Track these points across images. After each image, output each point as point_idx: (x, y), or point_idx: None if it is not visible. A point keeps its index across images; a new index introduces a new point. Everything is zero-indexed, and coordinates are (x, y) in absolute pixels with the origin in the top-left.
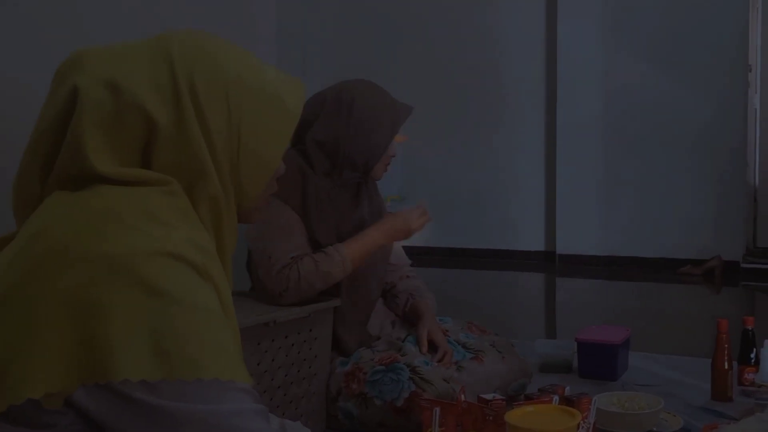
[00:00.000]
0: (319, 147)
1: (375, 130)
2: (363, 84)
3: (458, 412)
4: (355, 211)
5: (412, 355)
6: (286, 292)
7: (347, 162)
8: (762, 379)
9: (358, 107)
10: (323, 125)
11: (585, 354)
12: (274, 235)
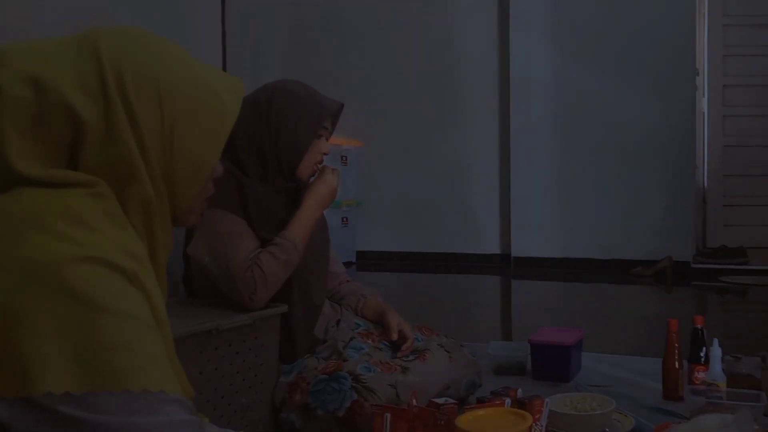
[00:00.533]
0: (246, 150)
1: (295, 129)
2: (283, 83)
3: (409, 417)
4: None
5: (355, 362)
6: (256, 294)
7: (275, 164)
8: (712, 378)
9: (276, 107)
10: (248, 129)
11: (538, 356)
12: (228, 243)
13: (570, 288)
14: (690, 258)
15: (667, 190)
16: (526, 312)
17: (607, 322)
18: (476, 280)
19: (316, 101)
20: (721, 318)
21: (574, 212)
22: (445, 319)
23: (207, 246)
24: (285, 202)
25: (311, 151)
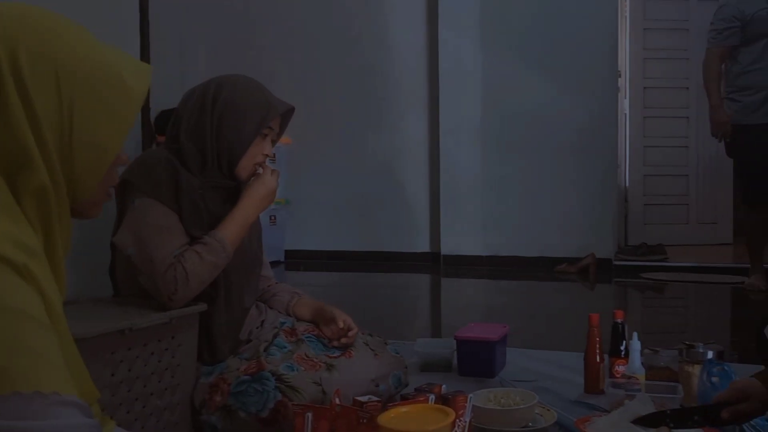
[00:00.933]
0: (188, 142)
1: (239, 125)
2: (234, 78)
3: (331, 416)
4: (224, 212)
5: (277, 362)
6: (176, 294)
7: (215, 159)
8: (631, 371)
9: (222, 102)
10: (192, 121)
11: (464, 352)
12: (154, 236)
13: (498, 285)
14: (612, 255)
15: (590, 189)
16: (456, 309)
17: (533, 318)
18: (406, 278)
19: (264, 100)
20: (641, 313)
21: (501, 211)
22: (375, 317)
23: (133, 237)
24: (222, 198)
25: (253, 150)
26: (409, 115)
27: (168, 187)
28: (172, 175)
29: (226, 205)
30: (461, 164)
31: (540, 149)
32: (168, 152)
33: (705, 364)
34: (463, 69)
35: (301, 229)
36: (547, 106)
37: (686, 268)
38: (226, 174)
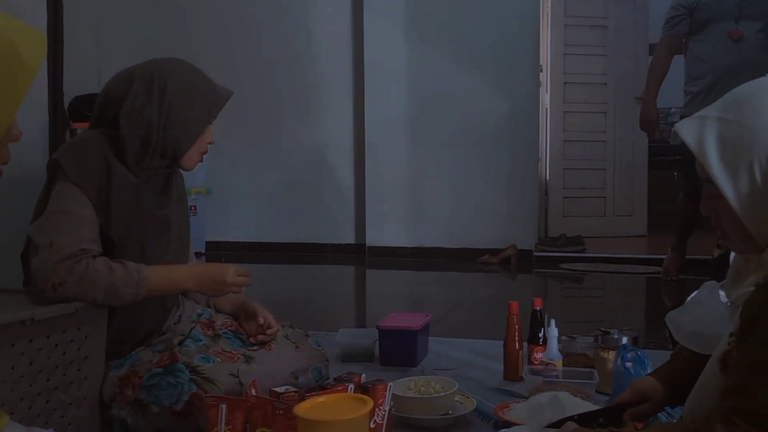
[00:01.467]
0: (128, 131)
1: (190, 114)
2: (178, 64)
3: (246, 407)
4: (161, 209)
5: (192, 354)
6: (63, 287)
7: (158, 149)
8: (549, 357)
9: (171, 89)
10: (133, 108)
11: (385, 341)
12: (63, 221)
13: (422, 276)
14: (533, 246)
15: (512, 182)
16: (380, 300)
17: (456, 308)
18: (331, 270)
19: (212, 89)
20: (560, 302)
21: (426, 202)
22: (298, 309)
23: (42, 217)
24: (157, 190)
25: (200, 139)
26: (334, 106)
27: (96, 178)
28: (105, 169)
29: (160, 198)
30: (386, 156)
31: (464, 142)
32: (104, 138)
33: (619, 350)
34: (388, 61)
35: (223, 219)
36: (471, 99)
37: (603, 259)
38: (170, 163)
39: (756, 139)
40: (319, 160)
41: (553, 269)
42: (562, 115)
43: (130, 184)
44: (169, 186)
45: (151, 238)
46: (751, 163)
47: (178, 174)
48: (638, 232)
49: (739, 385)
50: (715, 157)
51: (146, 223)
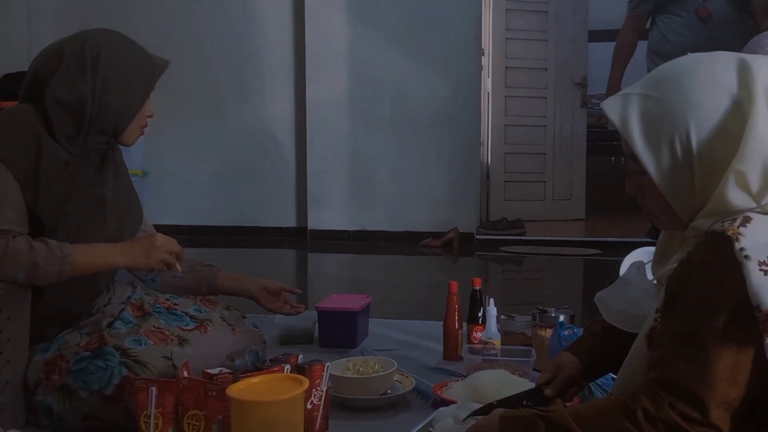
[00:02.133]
0: (60, 107)
1: (127, 88)
2: (110, 35)
3: (178, 389)
4: (96, 188)
5: (122, 336)
6: None
7: (95, 125)
8: (488, 336)
9: (105, 62)
10: (64, 83)
11: (325, 322)
12: None
13: (364, 260)
14: (474, 230)
15: (454, 166)
16: (321, 283)
17: (397, 290)
18: (272, 253)
19: (148, 60)
20: (500, 283)
21: (368, 186)
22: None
23: None
24: (90, 168)
25: (140, 114)
26: (275, 87)
27: (25, 156)
28: (34, 144)
29: (96, 175)
30: (328, 138)
31: (406, 125)
32: (35, 114)
33: (556, 328)
34: (329, 41)
35: (160, 202)
36: (414, 82)
37: (543, 242)
38: (110, 139)
39: (676, 115)
40: (260, 142)
41: (494, 252)
42: (504, 99)
43: (61, 161)
44: (106, 163)
45: (85, 218)
46: (672, 138)
47: (116, 151)
48: (577, 215)
49: (662, 358)
50: (638, 134)
51: (79, 202)
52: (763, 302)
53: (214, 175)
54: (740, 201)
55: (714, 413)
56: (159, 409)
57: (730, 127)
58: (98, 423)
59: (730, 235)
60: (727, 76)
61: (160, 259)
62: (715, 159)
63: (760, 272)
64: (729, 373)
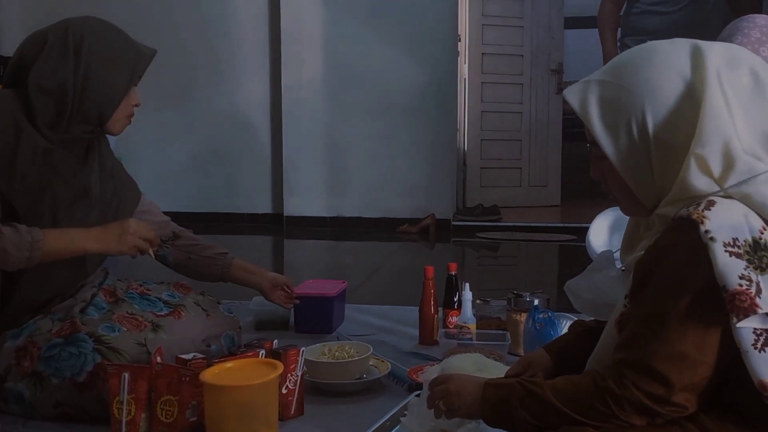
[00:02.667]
0: (43, 92)
1: (110, 75)
2: (94, 22)
3: (151, 375)
4: (78, 177)
5: (95, 323)
6: None
7: (78, 113)
8: (463, 321)
9: (88, 48)
10: (46, 68)
11: (301, 308)
12: None
13: (340, 246)
14: (451, 216)
15: (431, 152)
16: (297, 270)
17: (374, 275)
18: (247, 240)
19: (134, 48)
20: (476, 269)
21: (344, 172)
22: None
23: None
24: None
25: (125, 102)
26: (250, 72)
27: (2, 143)
28: (13, 131)
29: (79, 165)
30: (304, 124)
31: (382, 111)
32: (16, 99)
33: (531, 312)
34: (305, 26)
35: None
36: (390, 68)
37: (518, 228)
38: (94, 127)
39: (633, 100)
40: (235, 128)
41: (470, 238)
42: (480, 85)
43: (39, 149)
44: (91, 152)
45: (66, 209)
46: (629, 122)
47: (102, 140)
48: (552, 201)
49: (628, 339)
50: (597, 119)
51: (59, 192)
52: (729, 283)
53: (189, 161)
54: (703, 185)
55: (679, 392)
56: (132, 395)
57: (685, 110)
58: (70, 410)
59: (695, 219)
60: (681, 61)
61: (133, 245)
62: (671, 142)
63: (726, 253)
64: (695, 353)
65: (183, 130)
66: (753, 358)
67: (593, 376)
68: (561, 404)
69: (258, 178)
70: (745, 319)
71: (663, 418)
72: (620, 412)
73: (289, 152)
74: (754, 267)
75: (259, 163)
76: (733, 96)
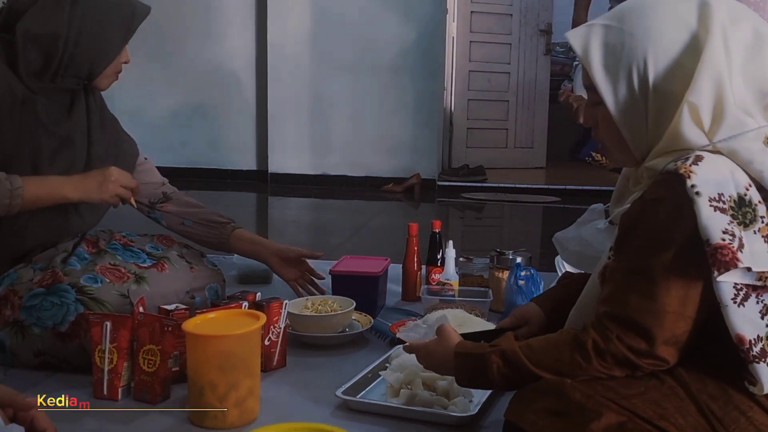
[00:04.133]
0: (31, 41)
1: (106, 31)
2: None
3: (132, 325)
4: (62, 127)
5: (77, 273)
6: None
7: (68, 66)
8: (446, 278)
9: (84, 5)
10: (39, 16)
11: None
12: None
13: (325, 204)
14: (436, 176)
15: (417, 111)
16: (283, 228)
17: (358, 233)
18: (231, 197)
19: (130, 4)
20: (460, 229)
21: (330, 129)
22: None
23: None
24: (56, 106)
25: (118, 57)
26: (235, 25)
27: None
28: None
29: (62, 115)
30: (289, 79)
31: (369, 68)
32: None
33: (513, 269)
34: None
35: None
36: (377, 24)
37: (503, 189)
38: (82, 81)
39: (636, 46)
40: (219, 81)
41: (455, 198)
42: (468, 44)
43: (17, 98)
44: (77, 104)
45: (47, 159)
46: (630, 68)
47: (93, 94)
48: (537, 163)
49: (612, 292)
50: (598, 62)
51: (39, 141)
52: (712, 237)
53: (172, 115)
54: (693, 136)
55: (661, 346)
56: (114, 344)
57: (686, 61)
58: (51, 359)
59: (682, 173)
60: (687, 12)
61: (115, 193)
62: (669, 92)
63: (711, 208)
64: (677, 307)
65: (167, 83)
66: (732, 312)
67: (572, 332)
68: (535, 366)
69: (243, 134)
70: (726, 273)
71: (643, 371)
72: (602, 364)
73: (274, 107)
74: (737, 223)
75: (244, 118)
76: (734, 51)
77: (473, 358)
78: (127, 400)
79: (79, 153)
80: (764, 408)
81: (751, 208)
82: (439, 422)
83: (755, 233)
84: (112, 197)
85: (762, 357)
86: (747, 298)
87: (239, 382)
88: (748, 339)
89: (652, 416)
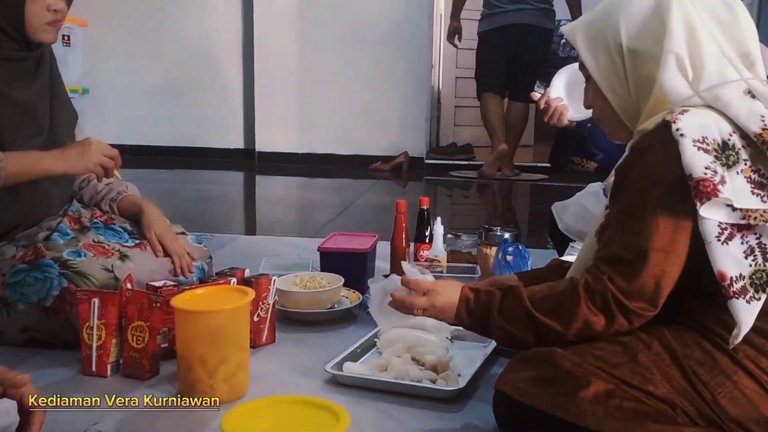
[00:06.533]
0: None
1: None
2: None
3: (121, 301)
4: (20, 94)
5: (60, 248)
6: None
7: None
8: (434, 254)
9: None
10: None
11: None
12: None
13: (313, 183)
14: (424, 154)
15: (405, 89)
16: (269, 206)
17: (346, 210)
18: (218, 175)
19: None
20: (448, 207)
21: (317, 107)
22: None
23: None
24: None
25: (34, 5)
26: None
27: None
28: None
29: (21, 81)
30: (276, 56)
31: (356, 46)
32: None
33: (501, 245)
34: None
35: (100, 120)
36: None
37: None
38: (21, 40)
39: (610, 18)
40: (205, 57)
41: (443, 176)
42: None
43: None
44: (38, 70)
45: (9, 126)
46: (606, 38)
47: (47, 55)
48: (525, 141)
49: (607, 239)
50: (582, 38)
51: (2, 110)
52: (694, 170)
53: (158, 92)
54: (679, 86)
55: (649, 282)
56: (102, 320)
57: (654, 23)
58: (38, 335)
59: (669, 120)
60: None
61: (97, 162)
62: (642, 51)
63: (694, 147)
64: (666, 245)
65: (153, 58)
66: (715, 249)
67: (570, 277)
68: (532, 306)
69: (229, 110)
70: (710, 208)
71: (628, 318)
72: (589, 306)
73: (261, 84)
74: (721, 163)
75: (230, 95)
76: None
77: (483, 293)
78: (116, 377)
79: (42, 124)
80: (749, 372)
81: (734, 151)
82: (428, 396)
83: (738, 174)
84: (95, 166)
85: (741, 293)
86: (731, 238)
87: (229, 357)
88: (729, 276)
89: (640, 383)
